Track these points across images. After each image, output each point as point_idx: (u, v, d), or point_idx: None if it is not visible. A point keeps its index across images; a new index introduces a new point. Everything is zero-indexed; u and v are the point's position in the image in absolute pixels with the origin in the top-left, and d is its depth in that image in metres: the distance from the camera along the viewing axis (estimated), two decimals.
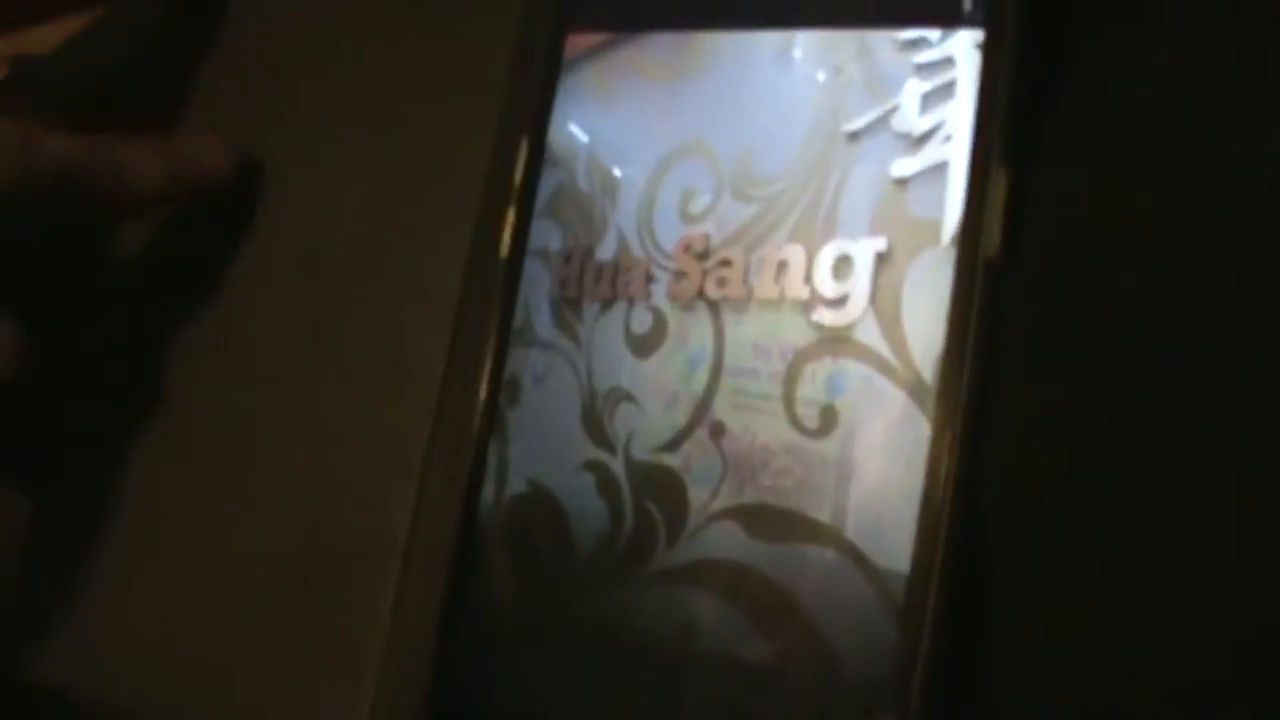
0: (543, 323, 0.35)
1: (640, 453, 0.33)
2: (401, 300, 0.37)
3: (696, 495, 0.32)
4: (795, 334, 0.32)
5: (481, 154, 0.36)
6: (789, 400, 0.32)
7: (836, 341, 0.31)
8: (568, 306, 0.34)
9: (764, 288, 0.32)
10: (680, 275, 0.33)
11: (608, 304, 0.34)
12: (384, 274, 0.37)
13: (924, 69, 0.32)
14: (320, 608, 0.36)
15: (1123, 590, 0.29)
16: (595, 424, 0.34)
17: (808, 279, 0.32)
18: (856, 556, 0.30)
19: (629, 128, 0.35)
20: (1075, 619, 0.29)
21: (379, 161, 0.38)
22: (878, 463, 0.31)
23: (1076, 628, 0.29)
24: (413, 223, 0.37)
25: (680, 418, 0.33)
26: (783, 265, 0.32)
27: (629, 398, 0.33)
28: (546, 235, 0.35)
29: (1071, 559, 0.30)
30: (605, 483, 0.33)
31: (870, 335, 0.31)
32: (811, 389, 0.31)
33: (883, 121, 0.32)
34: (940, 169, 0.31)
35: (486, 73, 0.37)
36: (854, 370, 0.31)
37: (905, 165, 0.32)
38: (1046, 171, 0.32)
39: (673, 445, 0.33)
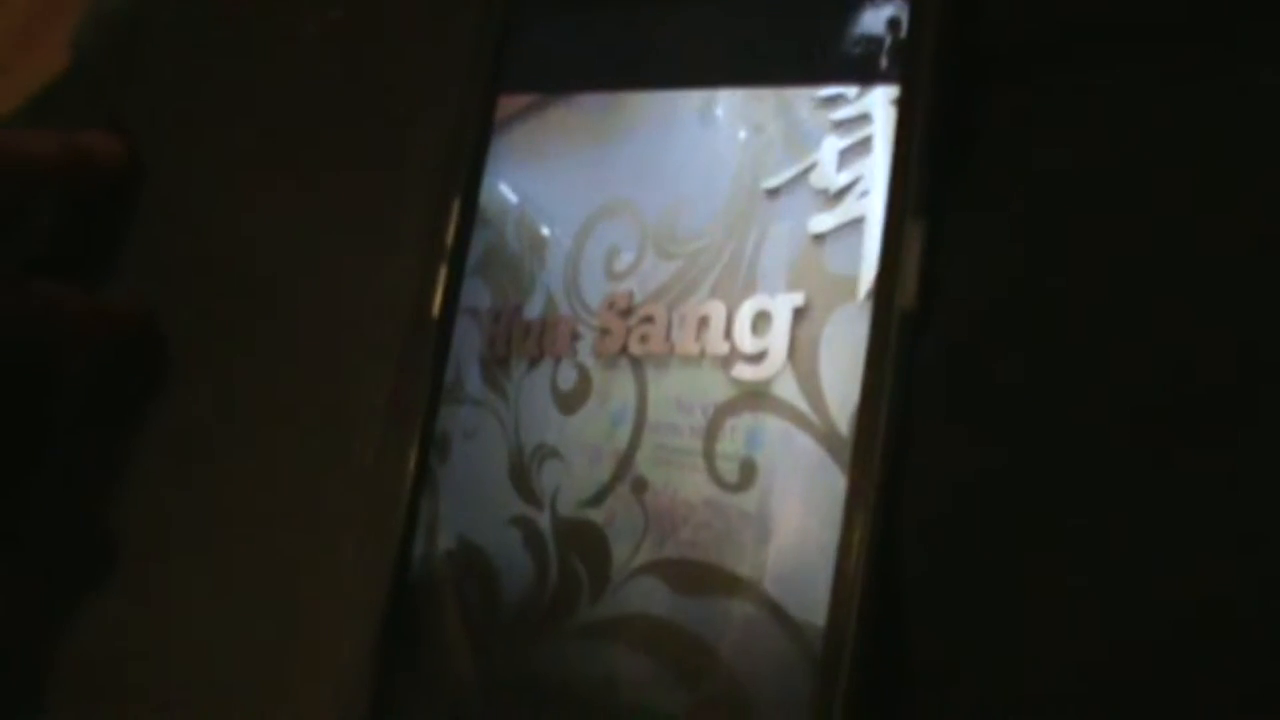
0: (473, 380, 0.35)
1: (566, 508, 0.33)
2: (339, 357, 0.37)
3: (620, 550, 0.32)
4: (716, 389, 0.32)
5: (416, 214, 0.36)
6: (709, 455, 0.32)
7: (755, 396, 0.32)
8: (496, 364, 0.35)
9: (685, 344, 0.33)
10: (604, 332, 0.34)
11: (535, 361, 0.34)
12: (323, 332, 0.38)
13: (841, 125, 0.32)
14: (262, 657, 0.36)
15: (1040, 643, 0.29)
16: (522, 480, 0.34)
17: (728, 335, 0.32)
18: (775, 609, 0.30)
19: (557, 187, 0.35)
20: (992, 670, 0.29)
21: (317, 219, 0.39)
22: (796, 516, 0.31)
23: (993, 679, 0.29)
24: (350, 283, 0.37)
25: (604, 473, 0.33)
26: (703, 321, 0.33)
27: (555, 454, 0.33)
28: (477, 294, 0.36)
29: (987, 613, 0.30)
30: (532, 538, 0.33)
31: (788, 390, 0.31)
32: (731, 444, 0.32)
33: (801, 178, 0.33)
34: (857, 224, 0.32)
35: (421, 134, 0.37)
36: (773, 425, 0.31)
37: (823, 221, 0.32)
38: (962, 225, 0.32)
39: (597, 501, 0.33)
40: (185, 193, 0.41)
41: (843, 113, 0.32)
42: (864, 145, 0.32)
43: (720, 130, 0.34)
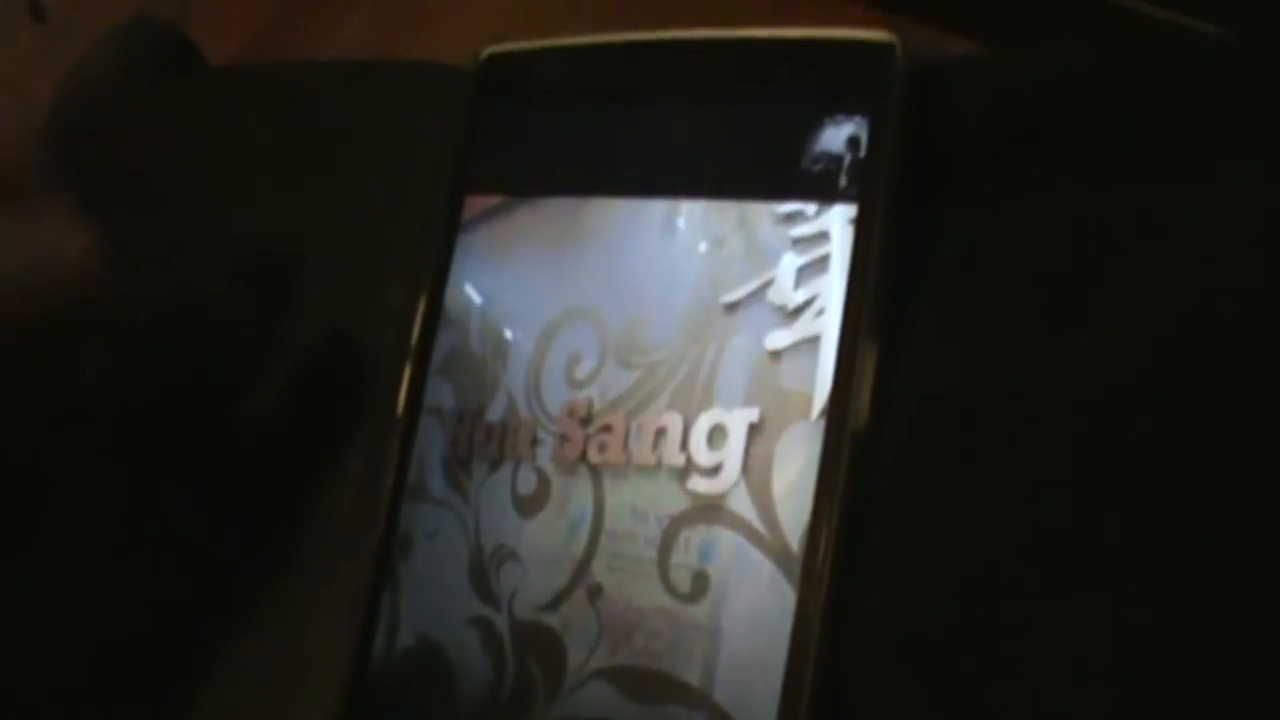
0: (435, 479, 0.36)
1: (523, 611, 0.34)
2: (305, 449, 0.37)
3: (574, 655, 0.33)
4: (671, 500, 0.33)
5: (383, 311, 0.37)
6: (663, 565, 0.32)
7: (710, 509, 0.32)
8: (459, 465, 0.35)
9: (642, 454, 0.33)
10: (564, 439, 0.34)
11: (496, 464, 0.35)
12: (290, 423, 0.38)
13: (800, 243, 0.33)
14: None
15: None
16: (482, 581, 0.34)
17: (684, 446, 0.33)
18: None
19: (521, 291, 0.36)
20: None
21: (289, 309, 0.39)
22: (746, 629, 0.31)
23: None
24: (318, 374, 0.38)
25: (561, 578, 0.33)
26: (661, 432, 0.33)
27: (514, 556, 0.34)
28: (441, 394, 0.36)
29: None
30: (489, 639, 0.34)
31: (742, 504, 0.32)
32: (685, 554, 0.32)
33: (759, 293, 0.33)
34: (813, 342, 0.32)
35: (390, 231, 0.38)
36: (725, 538, 0.32)
37: (779, 338, 0.33)
38: (917, 346, 0.33)
39: (553, 605, 0.33)
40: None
41: (802, 229, 0.33)
42: (822, 263, 0.33)
43: (682, 241, 0.34)
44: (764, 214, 0.34)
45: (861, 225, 0.33)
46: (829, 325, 0.32)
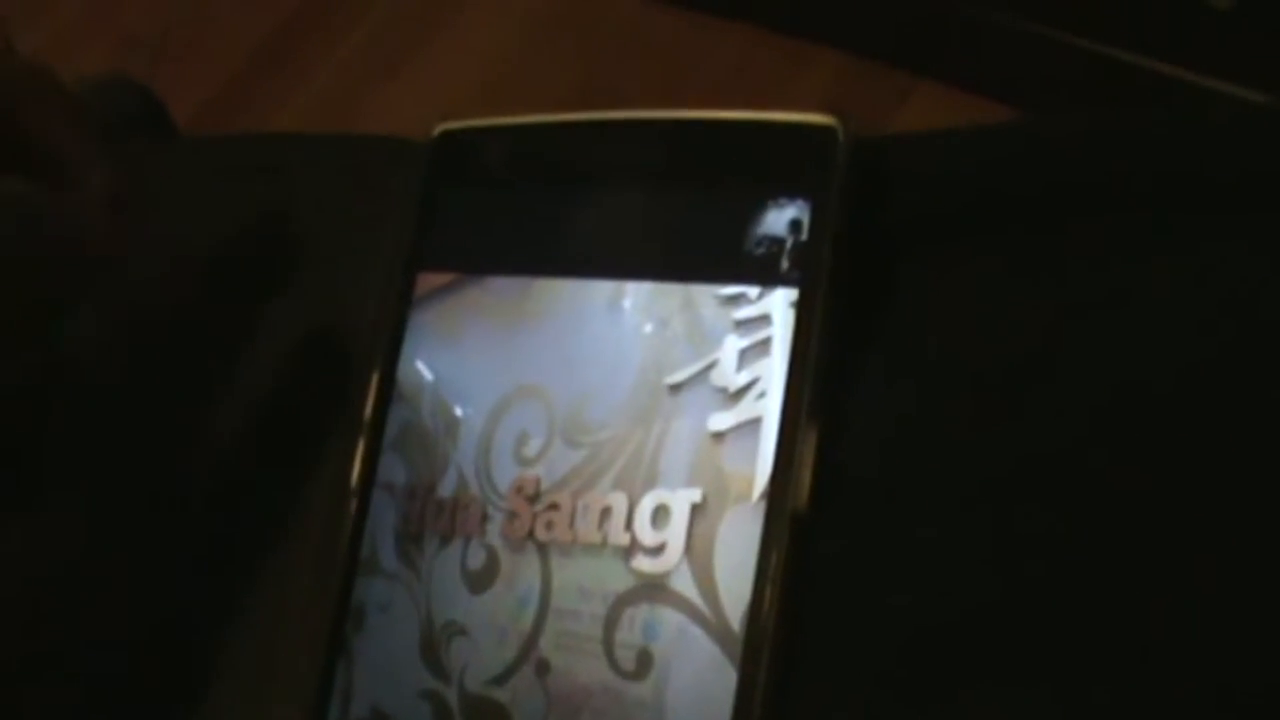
0: (387, 554, 0.36)
1: (473, 685, 0.34)
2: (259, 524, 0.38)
3: None
4: (616, 579, 0.33)
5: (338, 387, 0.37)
6: (609, 643, 0.33)
7: (653, 588, 0.33)
8: (410, 539, 0.36)
9: (588, 532, 0.34)
10: (513, 516, 0.35)
11: (447, 539, 0.36)
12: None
13: (742, 325, 0.34)
14: None
15: None
16: (432, 655, 0.35)
17: (629, 526, 0.34)
18: None
19: (471, 368, 0.37)
20: None
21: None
22: (689, 708, 0.32)
23: None
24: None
25: (509, 654, 0.34)
26: (606, 511, 0.34)
27: (463, 631, 0.35)
28: (393, 469, 0.37)
29: None
30: (440, 713, 0.35)
31: (684, 584, 0.33)
32: (630, 633, 0.33)
33: (702, 375, 0.34)
34: (755, 424, 0.33)
35: (345, 306, 0.38)
36: (669, 617, 0.33)
37: (722, 420, 0.33)
38: (856, 428, 0.33)
39: (501, 680, 0.34)
40: None
41: (744, 312, 0.34)
42: (764, 345, 0.33)
43: (627, 322, 0.35)
44: (708, 296, 0.34)
45: (802, 308, 0.33)
46: (770, 407, 0.33)
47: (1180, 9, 0.78)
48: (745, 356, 0.34)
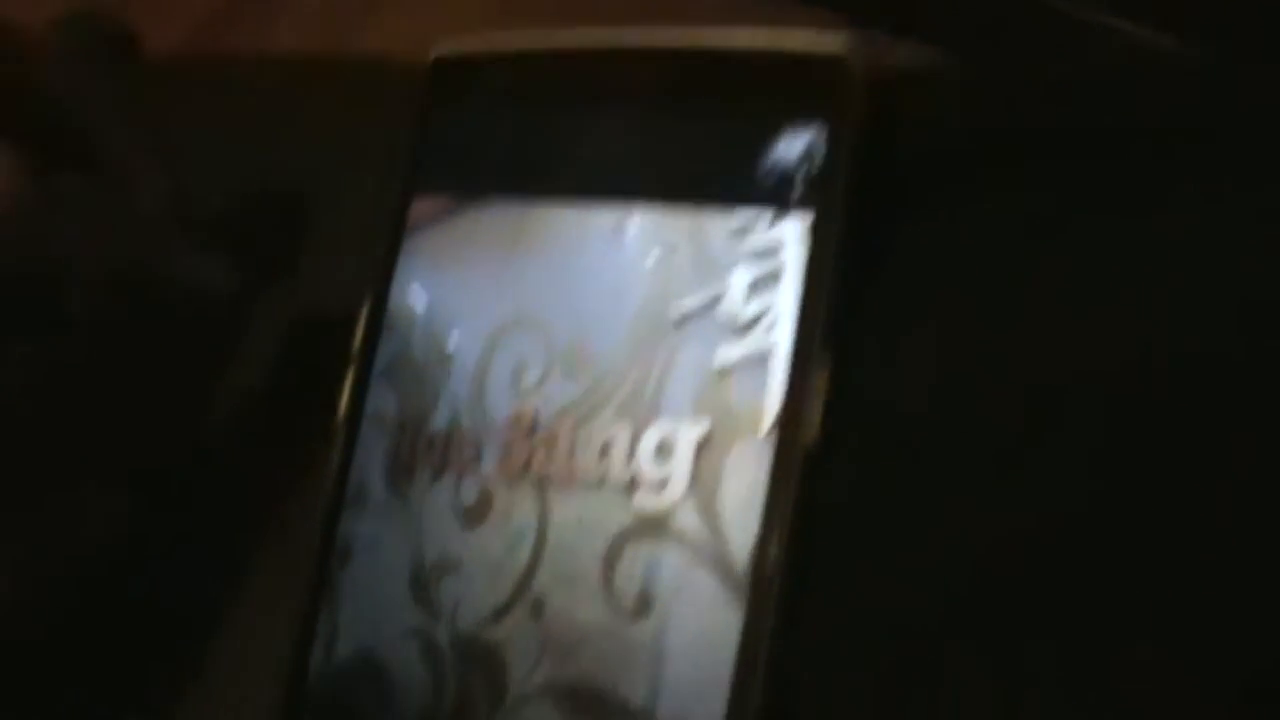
0: (376, 488, 0.35)
1: (464, 624, 0.33)
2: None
3: (516, 671, 0.32)
4: (616, 515, 0.32)
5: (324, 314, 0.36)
6: (607, 581, 0.32)
7: (655, 525, 0.32)
8: (401, 473, 0.35)
9: (588, 467, 0.33)
10: (508, 449, 0.34)
11: (438, 473, 0.34)
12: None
13: (752, 255, 0.32)
14: None
15: None
16: (422, 592, 0.34)
17: (630, 460, 0.32)
18: None
19: (465, 297, 0.35)
20: None
21: None
22: (691, 649, 0.31)
23: None
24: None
25: (503, 592, 0.33)
26: (606, 445, 0.33)
27: (456, 568, 0.33)
28: (383, 400, 0.35)
29: None
30: (429, 652, 0.33)
31: (689, 521, 0.31)
32: (630, 571, 0.32)
33: (710, 306, 0.33)
34: (764, 357, 0.32)
35: (335, 232, 0.37)
36: (671, 555, 0.31)
37: (729, 352, 0.32)
38: (869, 362, 0.32)
39: (495, 618, 0.33)
40: None
41: (754, 242, 0.33)
42: (774, 277, 0.32)
43: (631, 250, 0.34)
44: (716, 225, 0.33)
45: (815, 239, 0.32)
46: (780, 340, 0.32)
47: None
48: (755, 288, 0.32)
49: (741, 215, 0.33)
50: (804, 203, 0.32)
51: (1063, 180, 0.33)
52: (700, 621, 0.31)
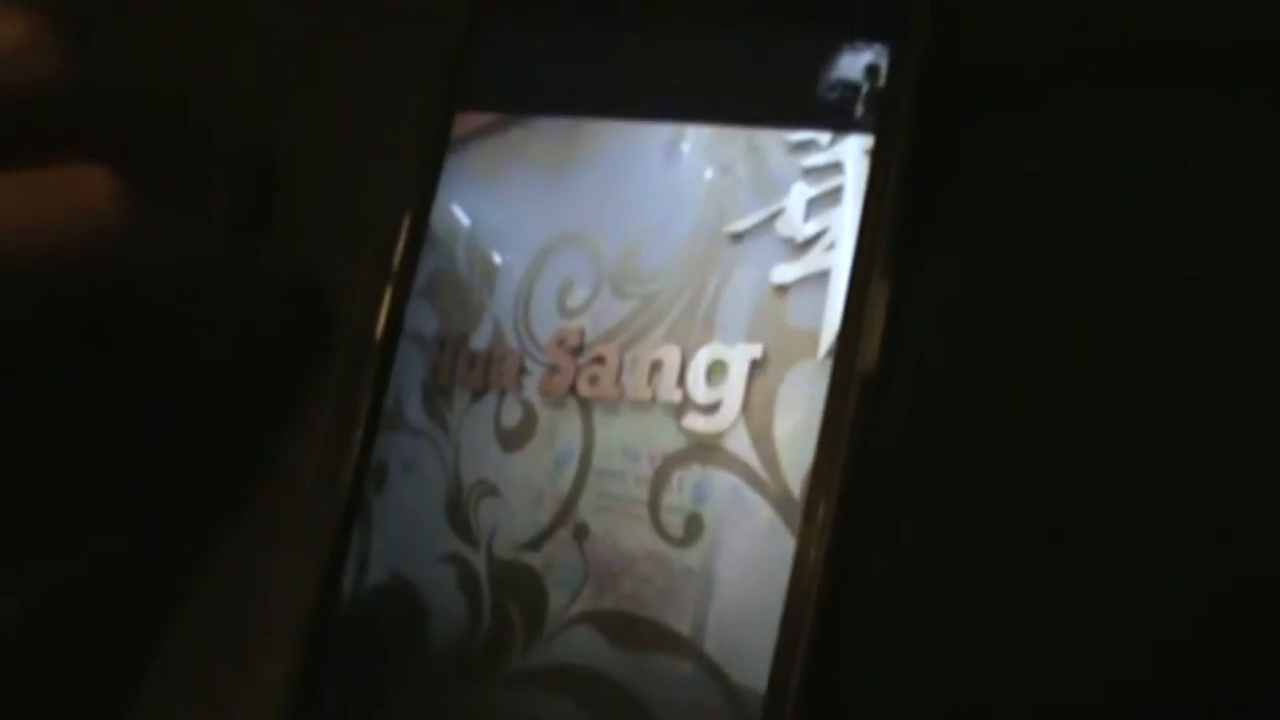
0: (413, 408, 0.34)
1: (502, 550, 0.32)
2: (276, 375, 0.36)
3: (556, 598, 0.31)
4: (665, 438, 0.31)
5: (364, 228, 0.35)
6: (655, 506, 0.31)
7: (706, 449, 0.31)
8: (439, 393, 0.34)
9: (636, 388, 0.32)
10: (553, 370, 0.32)
11: (479, 394, 0.33)
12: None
13: (812, 173, 0.31)
14: (180, 681, 0.35)
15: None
16: (459, 517, 0.33)
17: (681, 382, 0.31)
18: (714, 671, 0.29)
19: (512, 214, 0.34)
20: None
21: None
22: (741, 577, 0.30)
23: None
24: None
25: (544, 516, 0.32)
26: (656, 366, 0.32)
27: (494, 492, 0.32)
28: (422, 319, 0.34)
29: (931, 688, 0.29)
30: (465, 578, 0.32)
31: (741, 445, 0.30)
32: (678, 496, 0.31)
33: (767, 225, 0.31)
34: (822, 277, 0.31)
35: (375, 144, 0.36)
36: (722, 480, 0.30)
37: (787, 271, 0.31)
38: (931, 285, 0.31)
39: (535, 544, 0.32)
40: None
41: (814, 160, 0.31)
42: (834, 195, 0.31)
43: (686, 168, 0.33)
44: (774, 142, 0.32)
45: (878, 157, 0.31)
46: (839, 260, 0.31)
47: None
48: (814, 206, 0.31)
49: (802, 131, 0.32)
50: (866, 122, 0.31)
51: (1128, 99, 0.32)
52: (750, 548, 0.30)
